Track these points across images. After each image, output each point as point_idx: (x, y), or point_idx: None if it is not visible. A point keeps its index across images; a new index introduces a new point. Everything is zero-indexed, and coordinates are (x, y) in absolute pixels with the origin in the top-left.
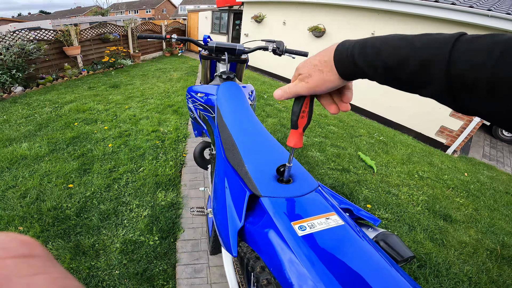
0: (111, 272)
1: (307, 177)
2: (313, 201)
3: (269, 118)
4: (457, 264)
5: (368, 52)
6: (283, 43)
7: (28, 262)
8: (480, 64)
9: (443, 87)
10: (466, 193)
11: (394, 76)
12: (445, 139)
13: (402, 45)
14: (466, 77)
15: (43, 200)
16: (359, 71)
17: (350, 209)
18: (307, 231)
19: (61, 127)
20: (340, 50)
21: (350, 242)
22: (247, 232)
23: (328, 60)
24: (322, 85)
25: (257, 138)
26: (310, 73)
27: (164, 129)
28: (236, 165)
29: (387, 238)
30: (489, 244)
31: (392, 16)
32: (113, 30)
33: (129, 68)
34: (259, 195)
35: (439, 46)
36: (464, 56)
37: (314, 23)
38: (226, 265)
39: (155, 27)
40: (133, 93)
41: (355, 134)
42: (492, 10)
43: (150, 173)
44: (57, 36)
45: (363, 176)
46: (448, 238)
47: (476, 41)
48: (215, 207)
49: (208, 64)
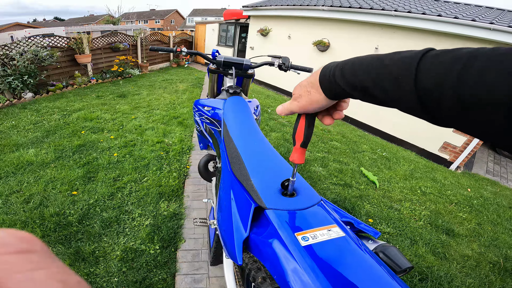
0: (110, 279)
1: (310, 191)
2: (315, 214)
3: (272, 133)
4: (459, 277)
5: (346, 74)
6: (289, 59)
7: (28, 258)
8: (442, 81)
9: (415, 103)
10: (469, 208)
11: (371, 94)
12: (449, 155)
13: (374, 64)
14: (433, 93)
15: (46, 206)
16: (341, 91)
17: (351, 222)
18: (309, 241)
19: (68, 135)
20: (323, 72)
21: (351, 252)
22: (252, 242)
23: (314, 82)
24: (309, 105)
25: (262, 153)
26: (300, 93)
27: (169, 140)
28: (241, 178)
29: (386, 250)
30: (492, 257)
31: (396, 31)
32: (123, 39)
33: (137, 78)
34: (265, 207)
35: (407, 63)
36: (429, 72)
37: (318, 37)
38: (227, 275)
39: (163, 38)
40: (139, 103)
41: (358, 150)
42: (494, 24)
43: (154, 183)
44: (70, 44)
45: (365, 191)
46: (450, 252)
47: (440, 57)
48: (220, 218)
49: (215, 78)
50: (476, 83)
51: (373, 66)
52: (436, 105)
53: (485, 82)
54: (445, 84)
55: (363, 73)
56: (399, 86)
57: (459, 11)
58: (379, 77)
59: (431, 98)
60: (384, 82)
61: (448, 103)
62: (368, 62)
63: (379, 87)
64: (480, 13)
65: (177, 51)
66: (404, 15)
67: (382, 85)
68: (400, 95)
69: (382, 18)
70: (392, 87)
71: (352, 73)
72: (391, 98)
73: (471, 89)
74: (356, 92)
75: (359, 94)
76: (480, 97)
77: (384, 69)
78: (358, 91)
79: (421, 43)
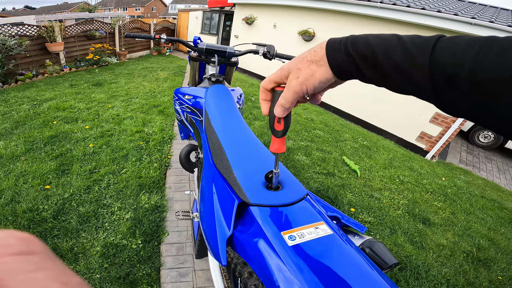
0: (92, 276)
1: (296, 184)
2: (302, 210)
3: (256, 121)
4: (435, 266)
5: (359, 42)
6: (274, 47)
7: (28, 259)
8: (461, 55)
9: (426, 79)
10: (444, 197)
11: (381, 67)
12: (425, 144)
13: (390, 38)
14: (449, 69)
15: (18, 202)
16: (349, 60)
17: (337, 217)
18: (296, 241)
19: (39, 126)
20: (333, 40)
21: (339, 251)
22: (236, 240)
23: (319, 49)
24: (311, 76)
25: (246, 144)
26: (299, 66)
27: (149, 130)
28: (224, 171)
29: (373, 246)
30: (465, 247)
31: (380, 22)
32: (99, 27)
33: (114, 66)
34: (249, 203)
35: (424, 40)
36: (447, 48)
37: (304, 27)
38: (213, 270)
39: (143, 26)
40: (117, 92)
41: (340, 139)
42: (476, 18)
43: (133, 175)
44: (40, 32)
45: (347, 180)
46: (427, 241)
47: (457, 39)
48: (202, 213)
49: (197, 66)
50: (495, 63)
51: (388, 40)
52: (449, 82)
53: (505, 61)
54: (463, 60)
55: (377, 44)
56: (414, 60)
57: (442, 5)
58: (393, 50)
59: (445, 75)
60: (398, 54)
61: (463, 80)
62: (384, 36)
63: (391, 59)
64: (463, 7)
65: (155, 38)
66: (388, 7)
67: (395, 56)
68: (412, 71)
69: (367, 9)
70: (406, 61)
71: (365, 43)
72: (402, 73)
73: (489, 67)
74: (365, 63)
75: (368, 66)
76: (498, 75)
77: (400, 43)
78: (367, 62)
79: None
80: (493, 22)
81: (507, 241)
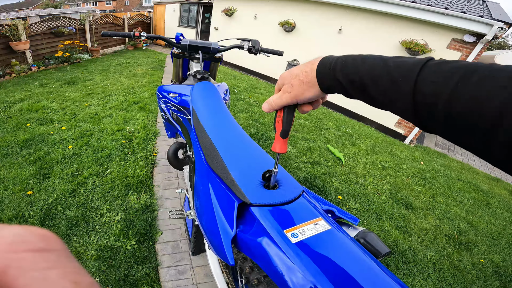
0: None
1: (292, 181)
2: (300, 207)
3: (240, 113)
4: (421, 250)
5: (349, 68)
6: (259, 42)
7: (44, 256)
8: (440, 88)
9: (408, 106)
10: (423, 181)
11: (367, 92)
12: (403, 130)
13: (378, 64)
14: (429, 98)
15: (2, 209)
16: (337, 84)
17: (332, 210)
18: (299, 238)
19: (12, 129)
20: (323, 63)
21: (338, 245)
22: (239, 240)
23: (310, 71)
24: (301, 94)
25: (238, 143)
26: (292, 83)
27: (131, 127)
28: (219, 171)
29: (367, 236)
30: (446, 230)
31: (359, 13)
32: (67, 23)
33: (87, 63)
34: (249, 203)
35: (409, 68)
36: (429, 78)
37: (284, 17)
38: (212, 266)
39: (116, 20)
40: (92, 89)
41: (323, 127)
42: (449, 9)
43: (119, 175)
44: (2, 31)
45: (333, 168)
46: (411, 226)
47: (441, 66)
48: (200, 214)
49: (180, 63)
50: (470, 95)
51: (375, 65)
52: (429, 110)
53: (479, 94)
54: (442, 91)
55: (365, 70)
56: (398, 88)
57: None
58: (379, 77)
59: (425, 104)
60: (384, 82)
61: (439, 111)
62: (371, 61)
63: (378, 86)
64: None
65: (135, 36)
66: None
67: (382, 84)
68: (397, 97)
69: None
70: (391, 88)
71: (354, 69)
72: (388, 98)
73: (464, 99)
74: (353, 88)
75: (356, 90)
76: (471, 107)
77: (386, 70)
78: (355, 88)
79: (383, 26)
80: (464, 12)
81: (485, 223)
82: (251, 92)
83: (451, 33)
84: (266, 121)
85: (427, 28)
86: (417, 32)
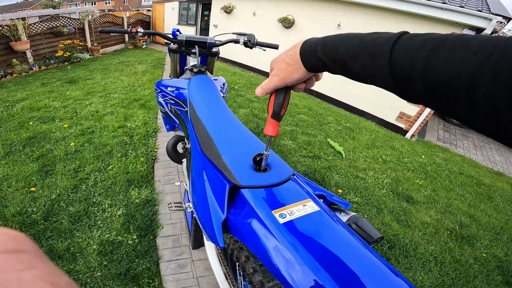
0: (93, 274)
1: (282, 165)
2: (290, 189)
3: (240, 109)
4: (422, 244)
5: (328, 48)
6: (254, 36)
7: (18, 257)
8: (414, 58)
9: (388, 78)
10: (424, 174)
11: (349, 68)
12: (404, 124)
13: (355, 42)
14: (404, 69)
15: (6, 206)
16: (320, 63)
17: (324, 195)
18: (287, 218)
19: (15, 127)
20: (305, 45)
21: (326, 226)
22: (230, 223)
23: (294, 54)
24: (289, 77)
25: (231, 130)
26: (279, 66)
27: (132, 124)
28: (213, 157)
29: (358, 221)
30: (448, 224)
31: (357, 8)
32: (67, 23)
33: (87, 62)
34: (239, 185)
35: (384, 42)
36: (403, 50)
37: (283, 14)
38: (210, 258)
39: (116, 19)
40: (93, 88)
41: (324, 122)
42: (447, 3)
43: (120, 171)
44: (2, 31)
45: (333, 162)
46: (412, 219)
47: (414, 38)
48: (195, 201)
49: (177, 58)
50: (443, 62)
51: (353, 43)
52: (406, 80)
53: (451, 61)
54: (415, 62)
55: (344, 49)
56: (375, 62)
57: None
58: (358, 53)
59: (402, 75)
60: (362, 57)
61: (416, 80)
62: (349, 39)
63: (357, 62)
64: None
65: (132, 32)
66: None
67: (360, 60)
68: (375, 71)
69: None
70: (369, 62)
71: (333, 48)
72: (367, 73)
73: (438, 67)
74: (335, 66)
75: (338, 68)
76: (445, 75)
77: (363, 46)
78: (337, 65)
79: (381, 21)
80: (463, 6)
81: (487, 217)
82: (251, 88)
83: (450, 27)
84: (266, 116)
85: (426, 23)
86: (415, 27)
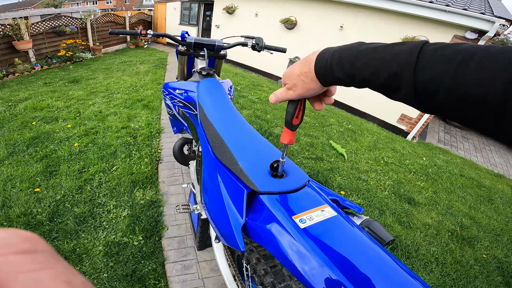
0: (99, 275)
1: (298, 171)
2: (307, 195)
3: (243, 110)
4: (423, 245)
5: (345, 65)
6: (263, 40)
7: (32, 258)
8: (441, 73)
9: (410, 92)
10: (426, 176)
11: (368, 85)
12: (405, 126)
13: (375, 57)
14: (430, 84)
15: (10, 207)
16: (338, 81)
17: (337, 200)
18: (307, 223)
19: (18, 127)
20: (319, 62)
21: (345, 230)
22: (249, 227)
23: (308, 72)
24: (306, 92)
25: (244, 135)
26: (294, 83)
27: (135, 125)
28: (228, 163)
29: (371, 225)
30: (449, 226)
31: (360, 10)
32: (69, 22)
33: (89, 61)
34: (258, 191)
35: (406, 58)
36: (428, 65)
37: (285, 15)
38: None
39: (117, 19)
40: (96, 88)
41: (326, 123)
42: (450, 6)
43: (125, 172)
44: (5, 31)
45: (336, 163)
46: (413, 221)
47: (438, 52)
48: (208, 205)
49: (185, 60)
50: (472, 78)
51: (372, 58)
52: (431, 96)
53: (481, 78)
54: (443, 78)
55: (362, 65)
56: (398, 78)
57: None
58: (379, 70)
59: (427, 91)
60: (383, 74)
61: (442, 95)
62: (367, 54)
63: (378, 79)
64: None
65: (142, 34)
66: None
67: (381, 77)
68: (397, 86)
69: None
70: (391, 78)
71: (350, 64)
72: (390, 89)
73: (466, 83)
74: (354, 82)
75: (356, 83)
76: (474, 91)
77: (384, 62)
78: (355, 81)
79: (384, 23)
80: (466, 9)
81: (488, 219)
82: (254, 89)
83: (453, 30)
84: (268, 117)
85: (429, 25)
86: (418, 29)
